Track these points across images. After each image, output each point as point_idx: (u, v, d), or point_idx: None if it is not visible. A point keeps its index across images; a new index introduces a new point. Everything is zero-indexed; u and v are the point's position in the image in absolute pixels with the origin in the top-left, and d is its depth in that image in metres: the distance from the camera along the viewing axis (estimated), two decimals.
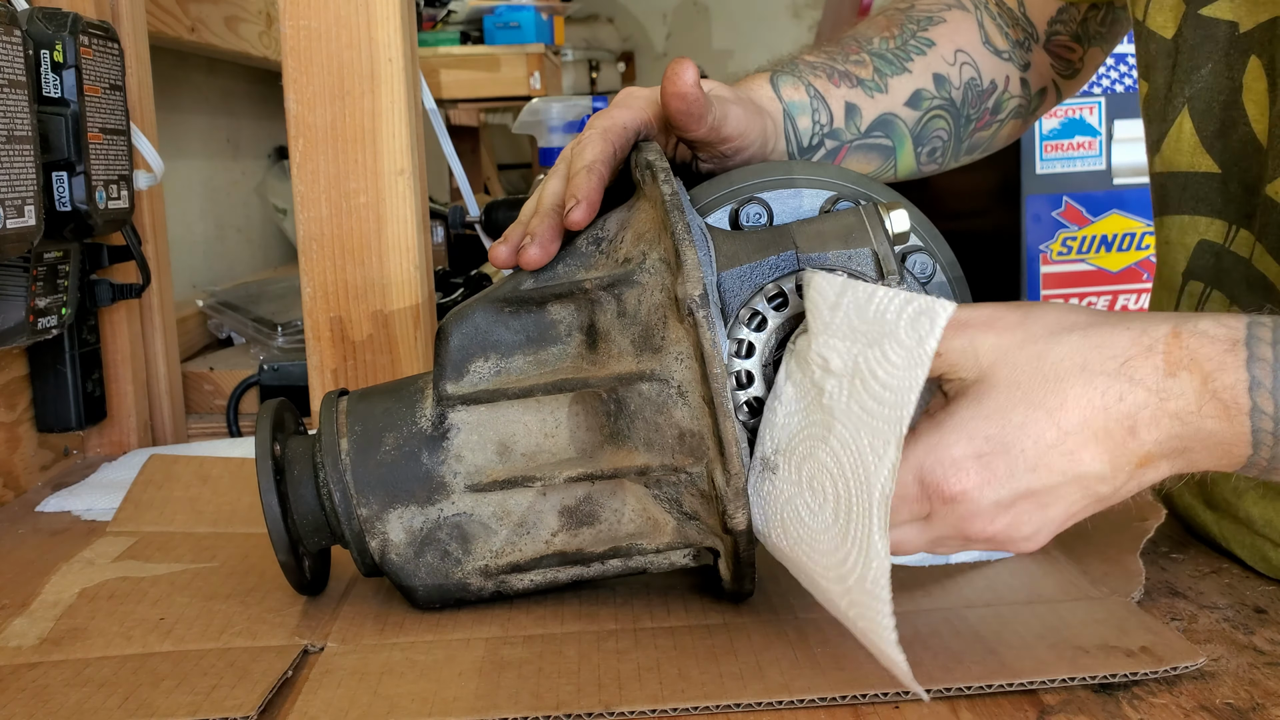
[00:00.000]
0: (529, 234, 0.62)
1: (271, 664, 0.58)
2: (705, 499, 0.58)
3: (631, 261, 0.59)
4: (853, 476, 0.51)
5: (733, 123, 0.65)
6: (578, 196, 0.60)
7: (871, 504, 0.50)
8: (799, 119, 0.72)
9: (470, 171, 2.29)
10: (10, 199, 0.72)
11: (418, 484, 0.61)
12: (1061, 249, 1.93)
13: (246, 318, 1.31)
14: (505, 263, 0.62)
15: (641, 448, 0.58)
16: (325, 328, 0.92)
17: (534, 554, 0.61)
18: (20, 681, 0.58)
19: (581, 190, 0.60)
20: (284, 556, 0.62)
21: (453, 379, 0.61)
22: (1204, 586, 0.65)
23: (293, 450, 0.63)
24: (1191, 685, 0.54)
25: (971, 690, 0.53)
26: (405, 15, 0.91)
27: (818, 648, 0.57)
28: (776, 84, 0.73)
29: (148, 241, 1.03)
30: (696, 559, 0.62)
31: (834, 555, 0.52)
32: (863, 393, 0.51)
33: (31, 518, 0.86)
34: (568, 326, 0.61)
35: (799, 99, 0.73)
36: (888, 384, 0.50)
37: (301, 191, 0.91)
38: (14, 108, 0.73)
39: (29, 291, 0.82)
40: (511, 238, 0.63)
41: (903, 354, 0.50)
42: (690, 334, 0.55)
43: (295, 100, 0.90)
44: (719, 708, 0.53)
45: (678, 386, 0.57)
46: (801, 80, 0.74)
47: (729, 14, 4.88)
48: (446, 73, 2.58)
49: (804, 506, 0.53)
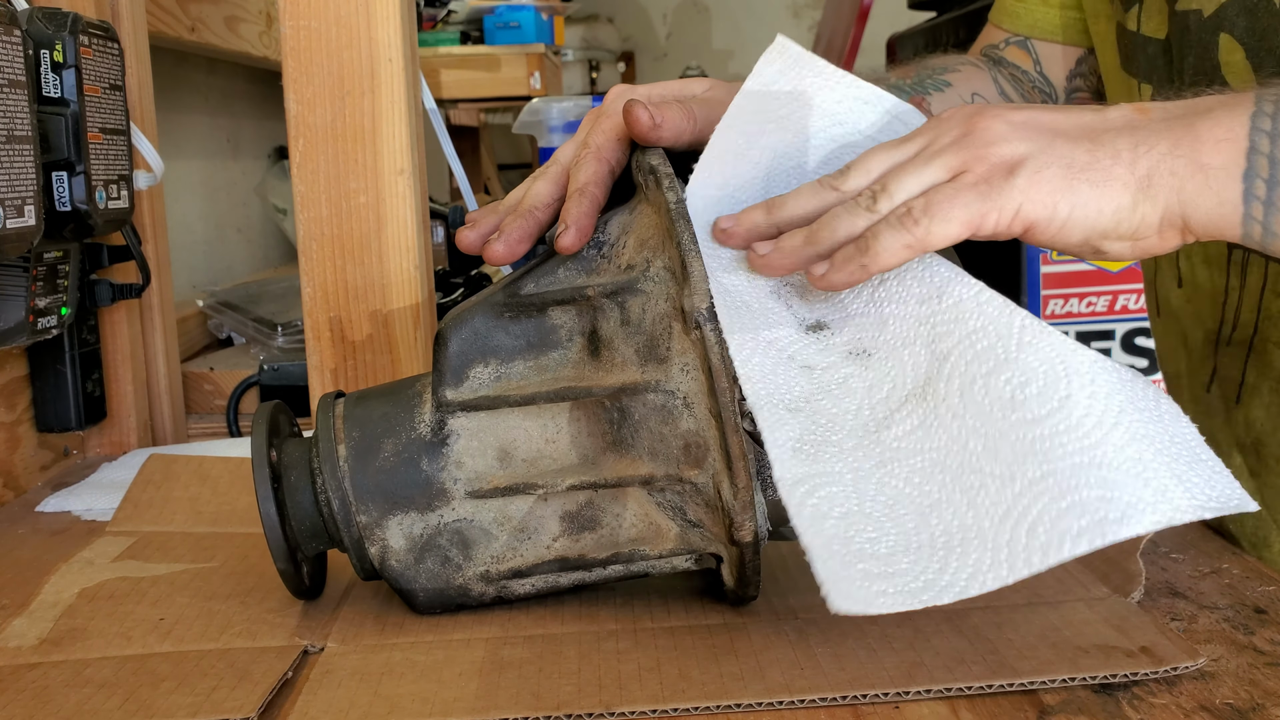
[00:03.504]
0: (500, 230, 0.62)
1: (272, 665, 0.58)
2: (710, 508, 0.58)
3: (635, 269, 0.58)
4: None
5: None
6: (568, 222, 0.59)
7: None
8: None
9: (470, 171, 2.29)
10: (10, 199, 0.72)
11: (417, 490, 0.61)
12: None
13: (246, 318, 1.31)
14: (470, 248, 0.62)
15: (645, 457, 0.58)
16: (325, 328, 0.92)
17: (535, 559, 0.61)
18: (20, 682, 0.58)
19: (572, 215, 0.59)
20: (283, 564, 0.62)
21: (452, 385, 0.61)
22: (1204, 586, 0.65)
23: (289, 455, 0.63)
24: (1191, 685, 0.54)
25: (972, 690, 0.53)
26: (405, 15, 0.91)
27: (818, 648, 0.57)
28: None
29: (148, 241, 1.03)
30: (699, 563, 0.62)
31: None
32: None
33: (31, 518, 0.86)
34: (569, 331, 0.61)
35: None
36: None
37: (301, 191, 0.91)
38: (14, 108, 0.73)
39: (29, 291, 0.82)
40: (481, 225, 0.63)
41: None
42: (697, 347, 0.55)
43: (295, 100, 0.90)
44: (719, 708, 0.53)
45: (683, 398, 0.57)
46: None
47: (729, 14, 4.88)
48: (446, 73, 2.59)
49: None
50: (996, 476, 0.49)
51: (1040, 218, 0.52)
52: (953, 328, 0.52)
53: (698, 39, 4.88)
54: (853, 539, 0.50)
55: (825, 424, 0.52)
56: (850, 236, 0.53)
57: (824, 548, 0.50)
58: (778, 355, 0.54)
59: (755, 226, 0.56)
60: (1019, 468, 0.49)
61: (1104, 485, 0.48)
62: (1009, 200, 0.51)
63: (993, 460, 0.49)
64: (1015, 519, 0.48)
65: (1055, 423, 0.49)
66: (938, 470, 0.50)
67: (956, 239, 0.52)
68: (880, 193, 0.53)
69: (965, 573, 0.48)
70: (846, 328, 0.54)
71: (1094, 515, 0.47)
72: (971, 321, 0.52)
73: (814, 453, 0.52)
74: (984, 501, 0.49)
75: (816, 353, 0.54)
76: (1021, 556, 0.48)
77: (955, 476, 0.50)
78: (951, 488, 0.50)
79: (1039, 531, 0.48)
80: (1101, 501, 0.47)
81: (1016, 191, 0.51)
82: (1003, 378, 0.51)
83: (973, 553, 0.48)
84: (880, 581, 0.49)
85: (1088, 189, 0.52)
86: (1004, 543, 0.48)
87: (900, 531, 0.50)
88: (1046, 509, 0.48)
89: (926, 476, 0.51)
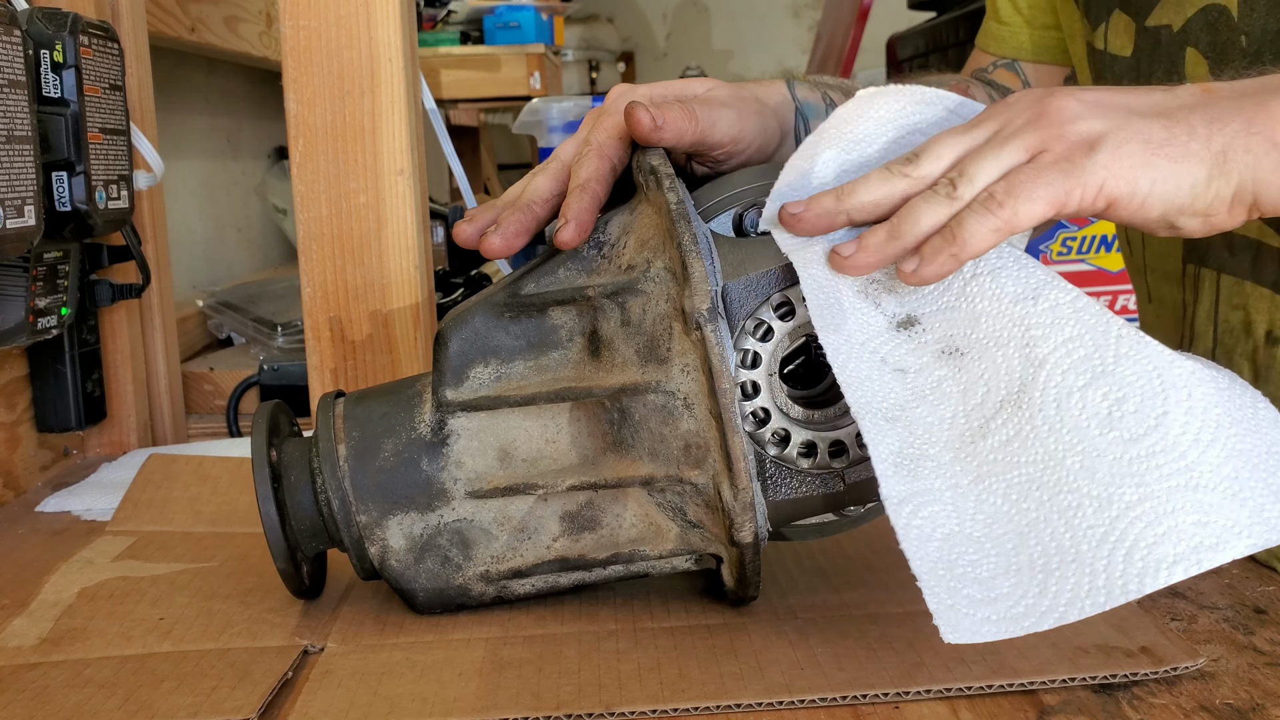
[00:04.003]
0: (497, 223, 0.62)
1: (272, 665, 0.58)
2: (710, 509, 0.58)
3: (635, 269, 0.58)
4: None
5: (723, 128, 0.64)
6: (568, 217, 0.59)
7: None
8: (814, 123, 0.72)
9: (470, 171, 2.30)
10: (10, 199, 0.72)
11: (418, 490, 0.61)
12: (1061, 249, 1.93)
13: (246, 318, 1.31)
14: (467, 241, 0.62)
15: (646, 457, 0.58)
16: (325, 328, 0.92)
17: (535, 559, 0.61)
18: (20, 682, 0.58)
19: (572, 210, 0.59)
20: (283, 564, 0.62)
21: (452, 385, 0.61)
22: (1204, 586, 0.65)
23: (289, 455, 0.63)
24: (1191, 685, 0.54)
25: (972, 690, 0.53)
26: (405, 15, 0.91)
27: (818, 648, 0.57)
28: (793, 86, 0.73)
29: (148, 241, 1.03)
30: (699, 563, 0.62)
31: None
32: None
33: (31, 518, 0.86)
34: (569, 332, 0.60)
35: (815, 102, 0.72)
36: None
37: (301, 191, 0.91)
38: (14, 108, 0.73)
39: (29, 291, 0.82)
40: (479, 219, 0.63)
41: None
42: (698, 348, 0.55)
43: (295, 100, 0.90)
44: (719, 708, 0.53)
45: (684, 398, 0.57)
46: (817, 89, 0.73)
47: (729, 14, 4.89)
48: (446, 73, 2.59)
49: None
50: (1094, 498, 0.49)
51: (1123, 193, 0.51)
52: (1049, 332, 0.52)
53: (698, 39, 4.88)
54: (955, 562, 0.49)
55: (922, 435, 0.52)
56: (935, 227, 0.52)
57: (930, 573, 0.49)
58: (870, 358, 0.53)
59: (825, 211, 0.55)
60: (1116, 489, 0.49)
61: (1200, 509, 0.48)
62: (1092, 177, 0.51)
63: (1090, 480, 0.49)
64: (1113, 543, 0.48)
65: (1152, 442, 0.49)
66: (1034, 487, 0.50)
67: (1043, 218, 0.51)
68: (959, 178, 0.53)
69: (1064, 597, 0.48)
70: (938, 323, 0.53)
71: (1190, 542, 0.47)
72: (1068, 328, 0.51)
73: (914, 468, 0.51)
74: (1081, 523, 0.49)
75: (909, 353, 0.53)
76: (1119, 583, 0.47)
77: (1052, 495, 0.49)
78: (1049, 506, 0.49)
79: (1135, 558, 0.47)
80: (1198, 527, 0.47)
81: (1099, 168, 0.51)
82: (1100, 391, 0.50)
83: (1071, 576, 0.48)
84: (984, 608, 0.49)
85: (1166, 164, 0.52)
86: (1101, 568, 0.48)
87: (1000, 553, 0.49)
88: (1143, 534, 0.48)
89: (1024, 494, 0.50)
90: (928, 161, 0.54)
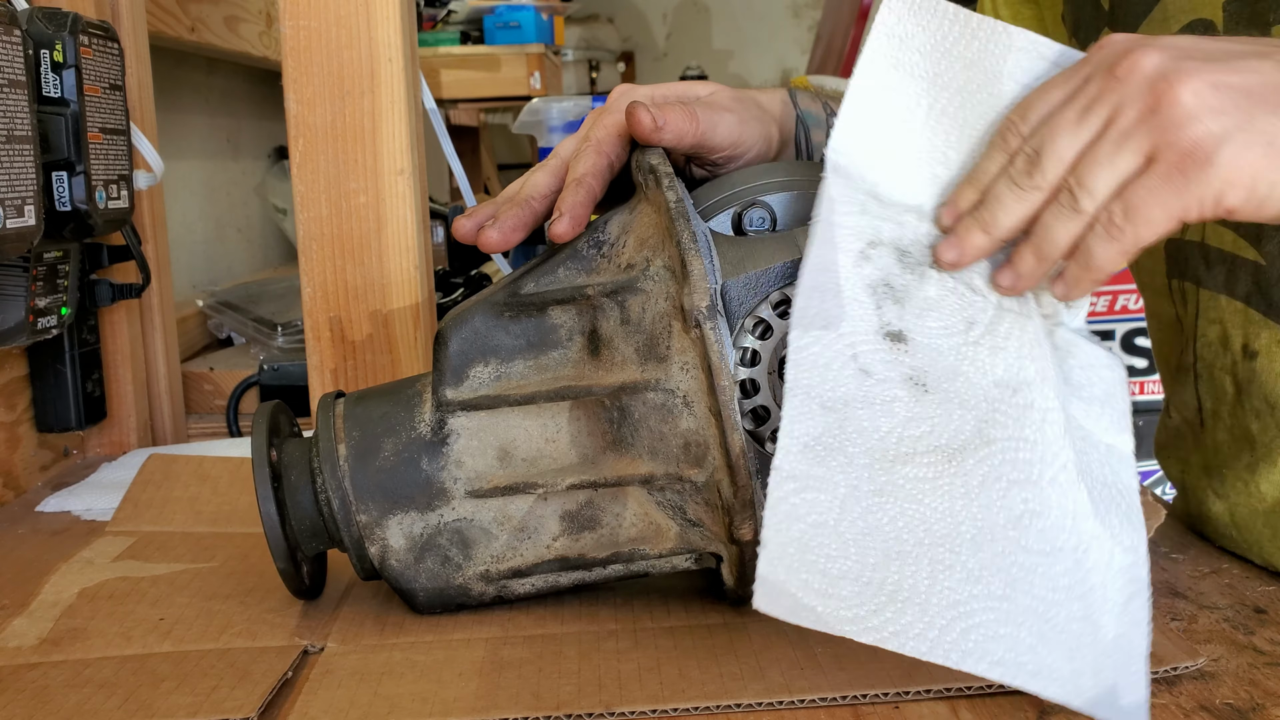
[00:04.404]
0: (495, 218, 0.62)
1: (272, 665, 0.58)
2: (710, 507, 0.58)
3: (635, 268, 0.58)
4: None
5: (724, 131, 0.64)
6: (563, 210, 0.59)
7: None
8: (815, 132, 0.72)
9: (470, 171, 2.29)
10: (10, 199, 0.72)
11: (418, 490, 0.61)
12: None
13: (246, 318, 1.31)
14: (465, 236, 0.63)
15: (645, 456, 0.58)
16: (325, 328, 0.92)
17: (535, 559, 0.61)
18: (20, 682, 0.58)
19: (567, 204, 0.60)
20: (283, 564, 0.62)
21: (452, 384, 0.61)
22: (1204, 586, 0.65)
23: (289, 455, 0.63)
24: (1191, 685, 0.54)
25: (972, 690, 0.53)
26: (405, 15, 0.91)
27: (818, 648, 0.57)
28: (794, 94, 0.73)
29: (148, 241, 1.03)
30: (699, 563, 0.62)
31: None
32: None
33: (31, 518, 0.86)
34: (569, 331, 0.61)
35: (815, 112, 0.72)
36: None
37: (301, 191, 0.91)
38: (14, 108, 0.73)
39: (29, 291, 0.82)
40: (478, 215, 0.64)
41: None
42: (697, 346, 0.55)
43: (295, 100, 0.90)
44: (719, 708, 0.53)
45: (683, 396, 0.57)
46: (818, 99, 0.73)
47: (729, 14, 4.88)
48: (446, 73, 2.59)
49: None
50: (967, 569, 0.51)
51: (1239, 201, 0.51)
52: (1010, 424, 0.53)
53: (698, 39, 4.88)
54: (811, 548, 0.50)
55: (851, 432, 0.52)
56: (1070, 244, 0.53)
57: (780, 547, 0.50)
58: (842, 349, 0.53)
59: (978, 248, 0.55)
60: (989, 576, 0.51)
61: (1041, 639, 0.50)
62: (1207, 190, 0.50)
63: (972, 554, 0.51)
64: (960, 614, 0.50)
65: (1041, 562, 0.51)
66: (923, 529, 0.51)
67: (1164, 235, 0.52)
68: (1080, 190, 0.52)
69: (892, 627, 0.50)
70: (922, 354, 0.54)
71: (1017, 657, 0.50)
72: (1029, 430, 0.53)
73: (823, 456, 0.52)
74: (944, 583, 0.50)
75: (881, 362, 0.53)
76: (943, 645, 0.50)
77: (933, 545, 0.51)
78: (926, 551, 0.51)
79: (971, 636, 0.50)
80: (1030, 651, 0.50)
81: (1216, 181, 0.50)
82: (1023, 495, 0.52)
83: (908, 615, 0.50)
84: (815, 598, 0.50)
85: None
86: (939, 625, 0.50)
87: (860, 563, 0.50)
88: (989, 625, 0.50)
89: (910, 528, 0.51)
90: (1051, 166, 0.53)
